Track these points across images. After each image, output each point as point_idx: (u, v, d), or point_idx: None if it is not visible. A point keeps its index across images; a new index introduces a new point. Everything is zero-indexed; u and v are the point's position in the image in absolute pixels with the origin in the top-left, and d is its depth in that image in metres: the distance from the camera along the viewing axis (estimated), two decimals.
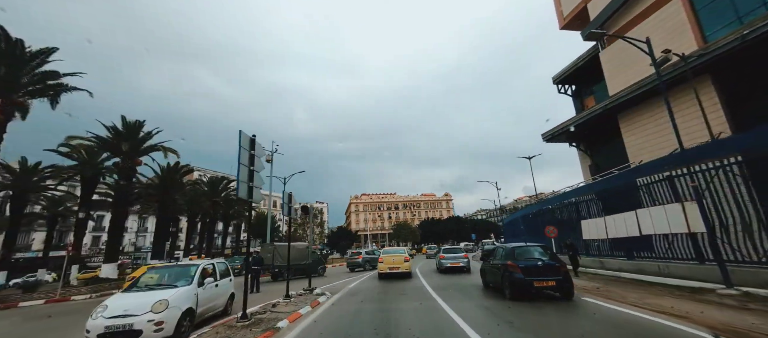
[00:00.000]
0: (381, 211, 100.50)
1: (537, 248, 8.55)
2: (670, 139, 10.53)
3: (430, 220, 77.09)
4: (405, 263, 13.83)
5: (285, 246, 18.23)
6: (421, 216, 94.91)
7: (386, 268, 13.74)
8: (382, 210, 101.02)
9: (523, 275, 7.69)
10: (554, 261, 7.91)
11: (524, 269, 7.78)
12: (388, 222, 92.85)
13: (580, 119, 16.63)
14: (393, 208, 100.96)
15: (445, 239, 60.70)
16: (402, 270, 13.68)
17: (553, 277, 7.57)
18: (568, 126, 17.49)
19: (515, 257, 8.23)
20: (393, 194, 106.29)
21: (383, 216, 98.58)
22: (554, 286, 7.56)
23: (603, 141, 17.42)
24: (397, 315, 6.77)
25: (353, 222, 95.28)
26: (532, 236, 18.75)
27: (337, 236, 65.68)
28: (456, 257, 15.78)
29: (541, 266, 7.80)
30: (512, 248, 8.67)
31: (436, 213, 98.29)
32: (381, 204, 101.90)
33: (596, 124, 16.34)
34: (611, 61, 15.79)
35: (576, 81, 20.31)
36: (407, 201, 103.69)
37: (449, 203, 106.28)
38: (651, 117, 13.52)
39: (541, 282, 7.58)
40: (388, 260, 13.95)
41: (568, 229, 15.21)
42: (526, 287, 7.64)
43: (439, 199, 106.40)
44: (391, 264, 13.76)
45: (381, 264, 14.04)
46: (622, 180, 11.52)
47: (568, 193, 15.61)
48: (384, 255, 14.46)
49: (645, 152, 13.44)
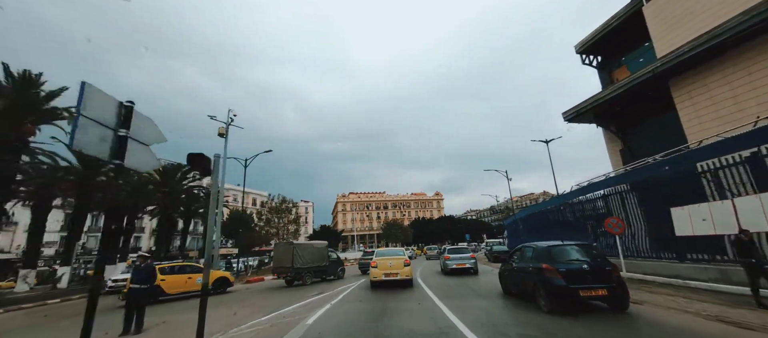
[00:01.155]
0: (369, 211, 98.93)
1: (578, 248, 7.12)
2: (751, 108, 8.91)
3: (421, 220, 76.17)
4: (405, 268, 11.35)
5: (307, 246, 16.26)
6: (412, 215, 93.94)
7: (381, 275, 11.27)
8: (371, 209, 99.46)
9: (566, 281, 6.29)
10: (604, 264, 6.54)
11: (566, 274, 6.38)
12: (376, 222, 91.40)
13: (619, 89, 13.69)
14: (382, 208, 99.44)
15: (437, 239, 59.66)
16: (401, 277, 11.23)
17: (604, 285, 6.18)
18: (601, 98, 14.65)
19: (554, 259, 6.81)
20: (382, 193, 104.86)
21: (371, 216, 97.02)
22: (606, 296, 6.18)
23: (640, 119, 14.78)
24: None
25: (340, 221, 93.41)
26: (542, 236, 17.18)
27: (320, 236, 60.82)
28: (462, 258, 15.22)
29: (587, 270, 6.40)
30: (548, 247, 7.22)
31: (427, 213, 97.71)
32: (369, 204, 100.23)
33: (632, 98, 13.82)
34: (660, 15, 13.45)
35: (603, 50, 17.67)
36: (397, 201, 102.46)
37: (440, 202, 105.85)
38: (723, 79, 11.06)
39: (589, 290, 6.18)
40: (384, 264, 11.47)
41: (582, 230, 13.94)
42: (570, 297, 6.23)
43: (430, 199, 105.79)
44: (388, 270, 11.33)
45: (374, 269, 11.48)
46: (674, 165, 9.65)
47: (594, 184, 13.45)
48: (378, 258, 11.85)
49: (709, 126, 11.17)
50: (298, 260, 14.84)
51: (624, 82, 13.75)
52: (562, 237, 13.15)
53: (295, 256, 14.73)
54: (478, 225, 76.80)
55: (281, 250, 15.77)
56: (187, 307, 9.93)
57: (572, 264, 6.61)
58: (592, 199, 13.60)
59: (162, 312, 9.40)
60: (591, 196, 13.62)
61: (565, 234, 14.24)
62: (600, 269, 6.41)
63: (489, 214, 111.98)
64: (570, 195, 15.41)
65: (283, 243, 16.95)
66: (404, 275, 11.30)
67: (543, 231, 17.46)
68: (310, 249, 16.09)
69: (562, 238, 12.73)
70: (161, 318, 8.42)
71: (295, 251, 14.90)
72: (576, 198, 14.69)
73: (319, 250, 16.84)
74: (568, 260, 6.75)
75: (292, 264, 14.59)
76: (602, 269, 6.41)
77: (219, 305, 10.30)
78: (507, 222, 34.89)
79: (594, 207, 13.53)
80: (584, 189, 14.13)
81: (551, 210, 17.70)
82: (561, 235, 13.99)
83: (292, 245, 15.37)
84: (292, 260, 14.62)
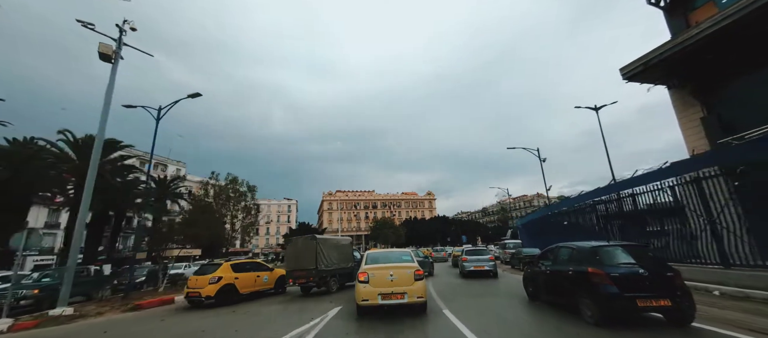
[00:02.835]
0: (357, 210, 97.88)
1: (630, 249, 6.32)
2: None
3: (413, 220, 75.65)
4: (415, 284, 7.14)
5: (332, 242, 13.65)
6: (402, 216, 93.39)
7: (376, 295, 6.97)
8: (359, 208, 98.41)
9: (620, 289, 5.48)
10: (665, 270, 5.76)
11: (619, 280, 5.58)
12: (365, 222, 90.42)
13: (711, 27, 9.77)
14: (371, 207, 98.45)
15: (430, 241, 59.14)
16: (410, 299, 6.96)
17: (667, 295, 5.39)
18: (681, 45, 10.78)
19: (602, 262, 5.99)
20: (371, 191, 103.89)
21: (359, 216, 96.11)
22: (669, 307, 5.39)
23: (734, 75, 11.21)
24: None
25: (326, 221, 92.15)
26: (576, 238, 14.96)
27: (297, 234, 55.72)
28: (480, 260, 15.01)
29: (645, 277, 5.60)
30: (593, 248, 6.40)
31: (418, 213, 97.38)
32: (357, 202, 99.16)
33: (724, 47, 10.32)
34: None
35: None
36: (387, 200, 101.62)
37: (433, 202, 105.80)
38: None
39: (648, 300, 5.38)
40: (380, 277, 7.21)
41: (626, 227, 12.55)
42: (626, 307, 5.42)
43: (422, 198, 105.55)
44: (387, 287, 7.04)
45: (363, 285, 7.21)
46: None
47: (660, 171, 10.66)
48: (370, 267, 7.56)
49: None
50: (322, 261, 12.16)
51: (716, 20, 9.75)
52: (598, 238, 12.30)
53: (319, 256, 11.99)
54: (473, 227, 76.84)
55: (299, 248, 12.81)
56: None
57: (626, 268, 5.80)
58: (642, 193, 11.44)
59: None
60: (642, 189, 11.37)
61: (600, 236, 13.34)
62: (660, 275, 5.61)
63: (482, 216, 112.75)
64: (616, 186, 13.25)
65: (301, 238, 13.61)
66: (414, 295, 6.98)
67: (575, 232, 15.72)
68: (336, 247, 13.62)
69: (599, 239, 11.85)
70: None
71: (319, 248, 12.21)
72: (622, 193, 12.70)
73: (345, 248, 14.29)
74: (620, 263, 5.94)
75: (316, 266, 11.82)
76: (663, 275, 5.62)
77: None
78: (520, 222, 34.23)
79: (650, 202, 11.40)
80: (640, 179, 11.62)
81: (581, 208, 15.95)
82: (596, 237, 13.15)
83: (315, 240, 12.49)
84: (316, 260, 11.85)
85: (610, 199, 13.47)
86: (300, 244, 12.95)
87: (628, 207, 12.44)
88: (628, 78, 13.24)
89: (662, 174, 10.63)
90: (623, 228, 12.82)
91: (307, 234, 14.05)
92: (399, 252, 8.73)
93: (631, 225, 12.52)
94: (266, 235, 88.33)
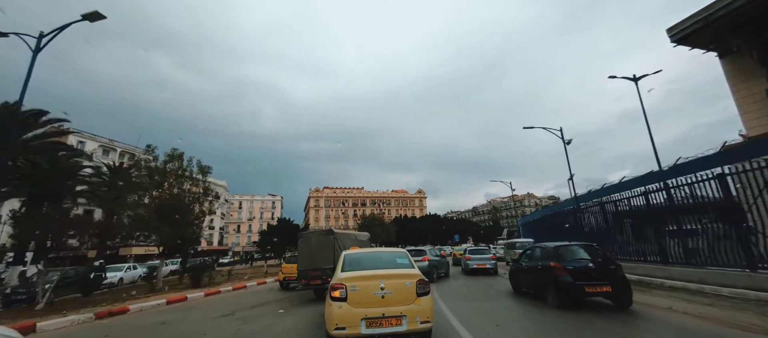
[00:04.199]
0: (345, 207, 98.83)
1: (584, 248, 8.15)
2: None
3: (404, 218, 77.38)
4: (418, 301, 4.99)
5: (351, 238, 12.87)
6: (392, 214, 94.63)
7: (359, 319, 4.76)
8: (347, 206, 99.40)
9: (573, 278, 7.23)
10: (609, 263, 7.55)
11: (573, 272, 7.33)
12: (353, 220, 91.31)
13: None
14: (359, 204, 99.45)
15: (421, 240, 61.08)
16: (409, 325, 4.79)
17: (609, 282, 7.17)
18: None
19: (561, 257, 7.76)
20: (360, 188, 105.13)
21: (348, 213, 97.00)
22: (609, 293, 7.17)
23: None
24: None
25: (312, 219, 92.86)
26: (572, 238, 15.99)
27: (276, 230, 52.08)
28: (482, 258, 16.96)
29: (593, 269, 7.39)
30: (555, 247, 8.21)
31: (409, 211, 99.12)
32: (346, 200, 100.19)
33: None
34: None
35: None
36: (376, 197, 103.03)
37: (423, 201, 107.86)
38: None
39: (594, 287, 7.15)
40: (367, 291, 4.98)
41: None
42: (577, 292, 7.17)
43: (412, 197, 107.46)
44: (376, 307, 4.87)
45: (339, 306, 4.90)
46: None
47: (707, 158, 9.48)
48: (350, 277, 5.20)
49: None
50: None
51: None
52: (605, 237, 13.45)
53: (337, 253, 10.32)
54: (464, 226, 79.26)
55: (314, 244, 11.70)
56: None
57: (579, 262, 7.59)
58: (686, 184, 10.10)
59: None
60: (685, 180, 10.07)
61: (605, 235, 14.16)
62: (605, 268, 7.41)
63: (472, 215, 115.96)
64: (659, 175, 11.76)
65: (315, 233, 12.59)
66: (417, 319, 4.87)
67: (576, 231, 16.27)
68: (355, 243, 12.60)
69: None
70: None
71: (337, 245, 11.08)
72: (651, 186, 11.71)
73: (363, 245, 13.26)
74: (575, 258, 7.73)
75: (334, 265, 9.70)
76: (607, 268, 7.42)
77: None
78: (522, 221, 36.85)
79: (689, 195, 10.18)
80: (683, 167, 10.37)
81: (584, 207, 16.12)
82: (603, 235, 14.18)
83: (333, 235, 11.47)
84: (334, 258, 10.36)
85: (634, 194, 12.45)
86: (314, 240, 11.86)
87: (656, 201, 11.40)
88: (677, 40, 11.67)
89: (708, 163, 9.38)
90: (636, 227, 12.93)
91: (323, 230, 13.37)
92: (391, 253, 6.36)
93: (649, 223, 12.11)
94: (248, 233, 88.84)
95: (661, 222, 11.51)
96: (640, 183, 12.34)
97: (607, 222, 14.45)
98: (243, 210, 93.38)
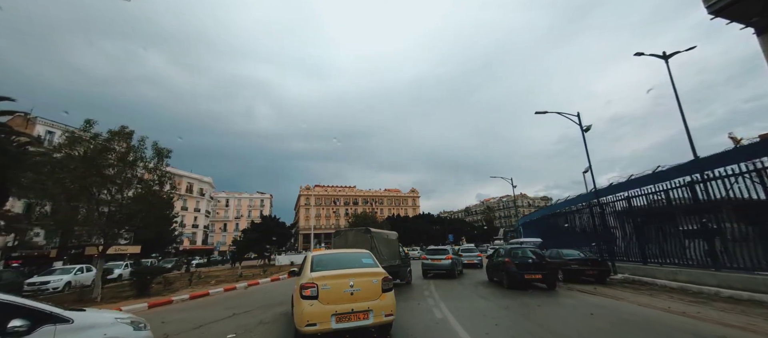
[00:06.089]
0: (337, 206, 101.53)
1: (530, 247, 12.50)
2: None
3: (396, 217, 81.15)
4: (383, 296, 5.88)
5: (384, 236, 13.47)
6: (384, 213, 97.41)
7: (329, 315, 5.48)
8: (338, 204, 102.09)
9: (517, 269, 11.54)
10: (541, 259, 11.91)
11: (518, 265, 11.64)
12: (344, 219, 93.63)
13: None
14: (351, 203, 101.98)
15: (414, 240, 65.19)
16: (375, 318, 5.69)
17: (540, 271, 11.51)
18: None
19: (511, 255, 12.09)
20: (352, 187, 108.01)
21: (339, 212, 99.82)
22: (541, 279, 11.49)
23: None
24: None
25: (303, 218, 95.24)
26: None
27: (262, 227, 46.50)
28: (471, 256, 22.82)
29: (531, 262, 11.72)
30: (510, 248, 12.60)
31: (402, 211, 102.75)
32: (337, 198, 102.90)
33: None
34: None
35: None
36: (368, 196, 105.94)
37: (416, 200, 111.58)
38: None
39: (531, 274, 11.47)
40: (337, 289, 5.70)
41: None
42: (520, 277, 11.48)
43: (405, 196, 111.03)
44: (345, 303, 5.64)
45: (310, 304, 5.54)
46: None
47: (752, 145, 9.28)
48: (320, 276, 5.83)
49: None
50: (378, 257, 10.47)
51: None
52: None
53: (373, 252, 10.15)
54: (458, 226, 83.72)
55: (351, 241, 11.99)
56: None
57: (522, 258, 11.94)
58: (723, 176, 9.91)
59: None
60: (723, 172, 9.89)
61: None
62: (540, 262, 11.75)
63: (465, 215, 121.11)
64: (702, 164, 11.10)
65: (352, 231, 13.12)
66: (382, 312, 5.77)
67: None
68: (387, 242, 13.25)
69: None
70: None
71: (374, 243, 11.52)
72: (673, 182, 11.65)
73: (393, 244, 13.94)
74: (521, 256, 12.09)
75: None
76: (541, 262, 11.77)
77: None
78: (522, 221, 41.37)
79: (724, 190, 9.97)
80: (724, 156, 10.15)
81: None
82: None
83: (370, 234, 11.98)
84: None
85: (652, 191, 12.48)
86: (351, 238, 12.43)
87: (680, 199, 11.40)
88: (717, 11, 10.82)
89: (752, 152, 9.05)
90: (640, 227, 13.91)
91: (360, 227, 14.04)
92: (355, 254, 7.20)
93: (659, 223, 12.91)
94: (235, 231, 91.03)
95: (713, 219, 10.57)
96: (680, 173, 11.27)
97: (632, 221, 13.90)
98: (230, 208, 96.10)
